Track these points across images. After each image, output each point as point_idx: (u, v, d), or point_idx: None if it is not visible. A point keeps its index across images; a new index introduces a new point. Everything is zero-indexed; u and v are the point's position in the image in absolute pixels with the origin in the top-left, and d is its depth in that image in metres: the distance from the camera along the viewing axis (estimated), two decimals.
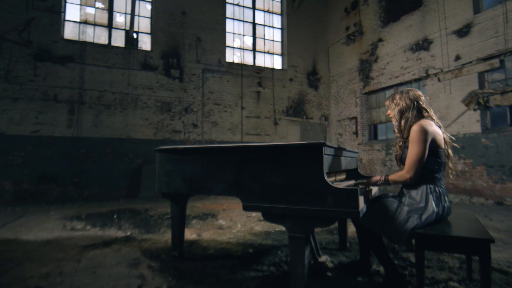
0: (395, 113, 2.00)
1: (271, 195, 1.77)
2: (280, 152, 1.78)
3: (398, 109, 1.98)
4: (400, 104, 1.98)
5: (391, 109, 2.06)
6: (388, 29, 9.23)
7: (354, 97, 10.53)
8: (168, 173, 2.20)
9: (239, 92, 10.10)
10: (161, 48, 9.04)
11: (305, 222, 1.69)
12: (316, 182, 1.66)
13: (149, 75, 8.81)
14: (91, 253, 2.67)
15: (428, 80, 8.00)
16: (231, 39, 10.40)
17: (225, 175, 1.94)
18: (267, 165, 1.80)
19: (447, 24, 7.52)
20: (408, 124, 1.92)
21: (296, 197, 1.70)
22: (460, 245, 1.61)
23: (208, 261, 2.68)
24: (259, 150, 1.84)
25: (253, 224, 4.43)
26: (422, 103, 1.97)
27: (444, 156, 1.89)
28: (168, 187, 2.23)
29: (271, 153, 1.80)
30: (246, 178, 1.85)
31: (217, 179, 1.97)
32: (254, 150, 1.85)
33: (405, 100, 1.97)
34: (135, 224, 4.45)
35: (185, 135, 9.18)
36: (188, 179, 2.08)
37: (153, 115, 8.82)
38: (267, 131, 10.50)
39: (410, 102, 1.96)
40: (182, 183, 2.10)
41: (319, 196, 1.64)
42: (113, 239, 3.53)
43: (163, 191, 2.32)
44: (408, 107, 1.95)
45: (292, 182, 1.72)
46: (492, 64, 6.67)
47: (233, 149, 1.93)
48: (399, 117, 1.98)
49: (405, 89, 2.06)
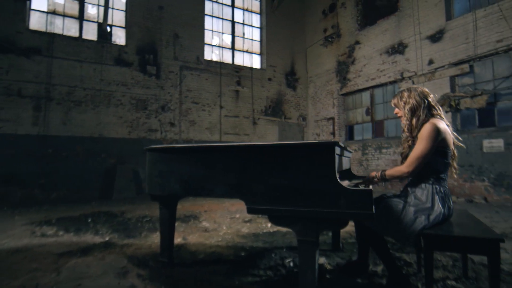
0: (406, 112, 1.96)
1: (278, 197, 1.68)
2: (289, 152, 1.69)
3: (409, 107, 1.95)
4: (410, 102, 1.95)
5: (400, 108, 2.02)
6: (365, 32, 9.46)
7: (331, 98, 10.70)
8: (161, 174, 2.04)
9: (217, 90, 9.92)
10: (136, 43, 8.66)
11: (316, 225, 1.62)
12: (328, 183, 1.59)
13: (123, 71, 8.40)
14: (71, 262, 2.44)
15: (403, 82, 8.29)
16: (210, 37, 10.19)
17: (227, 176, 1.82)
18: (275, 166, 1.70)
19: (421, 30, 7.83)
20: (420, 122, 1.90)
21: (307, 199, 1.62)
22: (469, 245, 1.61)
23: (200, 267, 2.54)
24: (266, 149, 1.74)
25: (238, 226, 4.31)
26: (431, 101, 1.96)
27: (450, 157, 1.89)
28: (161, 189, 2.07)
29: (279, 153, 1.71)
30: (251, 179, 1.75)
31: (217, 180, 1.85)
32: (260, 150, 1.75)
33: (414, 97, 1.95)
34: (112, 228, 4.18)
35: (162, 134, 8.86)
36: (185, 180, 1.93)
37: (128, 113, 8.42)
38: (246, 131, 10.41)
39: (420, 99, 1.94)
40: (177, 184, 1.95)
41: (331, 198, 1.57)
42: (91, 245, 3.27)
43: (156, 193, 2.15)
44: (419, 104, 1.93)
45: (302, 183, 1.64)
46: (462, 69, 7.02)
47: (236, 148, 1.81)
48: (410, 115, 1.94)
49: (412, 87, 2.04)
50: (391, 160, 8.52)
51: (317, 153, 1.62)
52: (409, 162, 1.82)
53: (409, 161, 1.82)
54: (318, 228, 1.63)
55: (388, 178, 1.91)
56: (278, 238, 3.50)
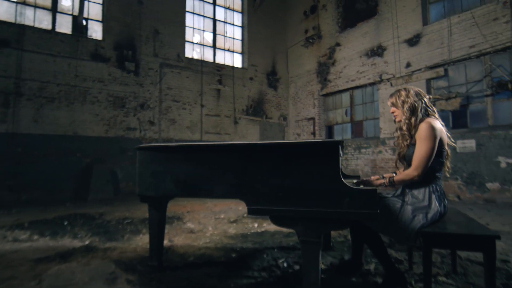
0: (405, 110, 1.98)
1: (281, 197, 1.64)
2: (292, 151, 1.66)
3: (408, 106, 1.97)
4: (408, 101, 1.98)
5: (398, 107, 2.04)
6: (346, 35, 9.65)
7: (312, 98, 10.83)
8: (155, 174, 1.94)
9: (198, 89, 9.75)
10: (114, 38, 8.32)
11: (319, 225, 1.59)
12: (332, 182, 1.57)
13: (100, 67, 8.05)
14: (53, 268, 2.27)
15: (381, 84, 8.52)
16: (191, 34, 10.00)
17: (227, 175, 1.76)
18: (277, 165, 1.66)
19: (400, 33, 8.09)
20: (418, 121, 1.93)
21: (310, 199, 1.59)
22: (466, 242, 1.65)
23: (191, 270, 2.45)
24: (268, 148, 1.70)
25: (225, 227, 4.24)
26: (427, 101, 1.99)
27: (445, 156, 1.93)
28: (155, 190, 1.97)
29: (282, 152, 1.67)
30: (252, 179, 1.70)
31: (216, 180, 1.78)
32: (262, 149, 1.71)
33: (412, 97, 1.98)
34: (92, 231, 3.98)
35: (141, 133, 8.58)
36: (182, 180, 1.85)
37: (105, 110, 8.08)
38: (227, 130, 10.31)
39: (418, 99, 1.97)
40: (173, 185, 1.87)
41: (335, 198, 1.56)
42: (71, 249, 3.09)
43: (149, 194, 2.04)
44: (417, 104, 1.96)
45: (305, 183, 1.61)
46: (437, 72, 7.32)
47: (237, 147, 1.76)
48: (409, 114, 1.96)
49: (408, 87, 2.07)
50: (370, 160, 8.74)
51: (321, 153, 1.60)
52: (416, 164, 1.83)
53: (416, 163, 1.83)
54: (322, 229, 1.61)
55: (397, 184, 1.93)
56: (267, 238, 3.47)
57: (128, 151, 8.30)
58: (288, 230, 3.88)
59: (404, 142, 1.98)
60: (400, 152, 2.02)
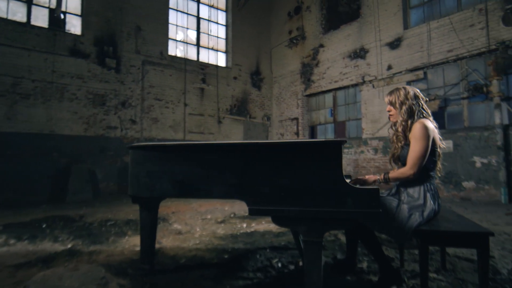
0: (403, 112, 2.00)
1: (283, 198, 1.62)
2: (295, 150, 1.65)
3: (406, 108, 1.99)
4: (407, 103, 2.00)
5: (396, 107, 2.04)
6: (329, 36, 9.79)
7: (295, 98, 10.91)
8: (150, 174, 1.87)
9: (182, 87, 9.59)
10: (94, 33, 8.03)
11: (321, 225, 1.59)
12: (335, 182, 1.57)
13: (79, 63, 7.74)
14: (38, 274, 2.14)
15: (364, 86, 8.72)
16: (174, 32, 9.81)
17: (227, 176, 1.72)
18: (279, 165, 1.64)
19: (381, 37, 8.30)
20: (414, 122, 1.96)
21: (313, 199, 1.59)
22: (462, 239, 1.70)
23: (184, 272, 2.39)
24: (270, 148, 1.68)
25: (213, 227, 4.18)
26: (423, 103, 2.03)
27: (437, 156, 1.98)
28: (150, 190, 1.89)
29: (284, 152, 1.66)
30: (253, 179, 1.67)
31: (216, 180, 1.74)
32: (264, 148, 1.68)
33: (411, 99, 2.00)
34: (73, 234, 3.81)
35: (122, 132, 8.32)
36: (179, 180, 1.79)
37: (84, 108, 7.78)
38: (211, 130, 10.21)
39: (415, 102, 2.00)
40: (170, 185, 1.81)
41: (338, 197, 1.56)
42: (53, 254, 2.94)
43: (144, 195, 1.96)
44: (415, 107, 1.99)
45: (307, 183, 1.60)
46: (417, 75, 7.57)
47: (238, 146, 1.73)
48: (406, 116, 1.98)
49: (407, 87, 2.06)
50: (352, 160, 8.92)
51: (324, 152, 1.60)
52: (411, 163, 1.87)
53: (411, 162, 1.87)
54: (324, 228, 1.61)
55: (392, 181, 1.96)
56: (258, 239, 3.45)
57: (109, 151, 8.04)
58: (278, 230, 3.88)
59: (399, 143, 2.01)
60: (395, 153, 2.05)
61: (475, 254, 2.61)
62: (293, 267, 2.43)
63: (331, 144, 1.59)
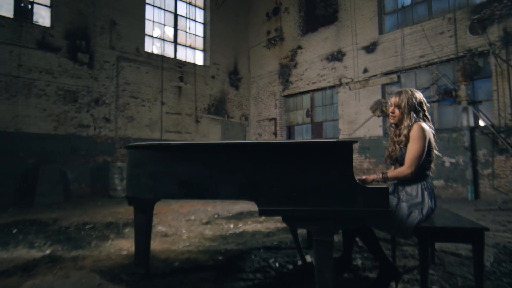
0: (411, 116, 2.02)
1: (294, 198, 1.63)
2: (306, 150, 1.65)
3: (413, 113, 2.03)
4: (414, 108, 2.05)
5: (405, 111, 2.06)
6: (307, 38, 9.97)
7: (273, 99, 10.99)
8: (153, 174, 1.79)
9: (159, 85, 9.32)
10: (65, 26, 7.58)
11: (333, 224, 1.62)
12: (346, 182, 1.60)
13: (48, 57, 7.28)
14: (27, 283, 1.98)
15: (341, 88, 8.97)
16: (151, 28, 9.51)
17: (235, 176, 1.69)
18: (290, 165, 1.64)
19: (358, 40, 8.58)
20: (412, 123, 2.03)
21: (324, 198, 1.60)
22: (459, 235, 1.80)
23: (181, 275, 2.33)
24: (281, 148, 1.67)
25: (199, 229, 4.11)
26: (426, 109, 2.10)
27: (433, 156, 2.08)
28: (153, 192, 1.81)
29: (295, 152, 1.66)
30: (264, 179, 1.66)
31: (224, 181, 1.71)
32: (275, 148, 1.68)
33: (418, 105, 2.04)
34: (50, 239, 3.58)
35: (95, 131, 7.94)
36: (185, 181, 1.73)
37: (54, 105, 7.33)
38: (188, 129, 10.02)
39: (420, 108, 2.06)
40: (175, 186, 1.74)
41: (349, 197, 1.59)
42: (32, 261, 2.74)
43: (146, 197, 1.88)
44: (421, 113, 2.06)
45: (319, 183, 1.62)
46: (391, 78, 7.91)
47: (248, 146, 1.70)
48: (413, 121, 2.01)
49: (415, 92, 2.09)
50: None
51: (335, 152, 1.62)
52: (409, 163, 1.94)
53: (409, 161, 1.94)
54: (335, 227, 1.63)
55: (390, 180, 2.02)
56: (249, 239, 3.43)
57: (81, 150, 7.63)
58: (267, 230, 3.89)
59: (399, 144, 2.07)
60: (393, 155, 2.12)
61: (460, 249, 2.78)
62: (292, 266, 2.45)
63: (343, 144, 1.61)
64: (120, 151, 8.34)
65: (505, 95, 6.16)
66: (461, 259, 2.58)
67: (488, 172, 6.29)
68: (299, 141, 1.64)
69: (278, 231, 3.75)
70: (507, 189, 6.08)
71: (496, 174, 6.22)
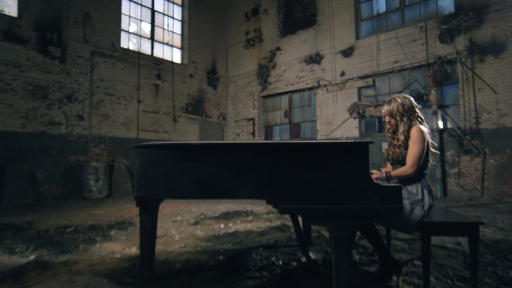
0: (404, 122, 2.16)
1: (313, 196, 1.69)
2: (324, 150, 1.72)
3: (406, 119, 2.16)
4: (405, 114, 2.18)
5: (397, 118, 2.19)
6: (286, 40, 10.13)
7: (252, 99, 11.05)
8: (170, 174, 1.76)
9: (135, 83, 9.03)
10: (34, 17, 7.12)
11: (350, 222, 1.69)
12: (363, 180, 1.68)
13: (16, 49, 6.80)
14: None
15: (319, 90, 9.22)
16: (127, 23, 9.18)
17: (255, 176, 1.72)
18: (309, 165, 1.70)
19: (336, 44, 8.87)
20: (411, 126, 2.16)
21: (342, 197, 1.68)
22: (457, 228, 1.95)
23: (186, 277, 2.31)
24: (300, 148, 1.72)
25: (189, 229, 4.06)
26: (419, 112, 2.25)
27: (430, 156, 2.23)
28: (171, 192, 1.78)
29: (314, 152, 1.72)
30: (284, 179, 1.70)
31: (243, 180, 1.72)
32: (294, 149, 1.73)
33: (408, 112, 2.18)
34: (31, 243, 3.37)
35: (67, 129, 7.52)
36: (204, 181, 1.72)
37: (21, 100, 6.85)
38: (166, 128, 9.80)
39: (412, 112, 2.20)
40: (193, 186, 1.73)
41: (366, 195, 1.68)
42: (18, 267, 2.58)
43: (163, 197, 1.85)
44: (413, 117, 2.19)
45: (337, 182, 1.69)
46: (367, 82, 8.27)
47: (268, 146, 1.74)
48: (407, 127, 2.16)
49: (403, 97, 2.27)
50: None
51: (352, 152, 1.70)
52: (411, 163, 2.07)
53: (411, 162, 2.07)
54: (352, 224, 1.71)
55: (393, 179, 2.14)
56: (244, 239, 3.45)
57: (51, 149, 7.20)
58: (259, 229, 3.93)
59: (401, 149, 2.19)
60: (394, 157, 2.24)
61: (446, 242, 3.00)
62: (296, 263, 2.51)
63: (360, 145, 1.70)
64: (94, 150, 7.97)
65: (470, 100, 6.69)
66: (448, 251, 2.79)
67: (455, 171, 6.79)
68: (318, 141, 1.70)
69: (270, 230, 3.81)
70: (471, 187, 6.60)
71: (462, 173, 6.73)
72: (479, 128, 6.54)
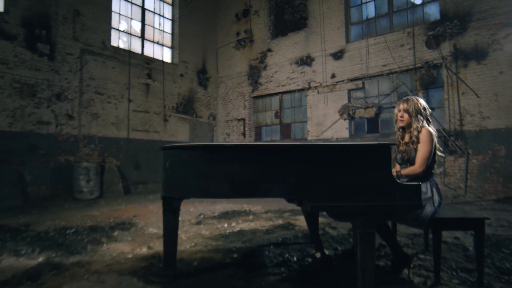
0: (419, 119, 2.33)
1: (341, 194, 1.80)
2: (351, 152, 1.83)
3: (422, 117, 2.34)
4: (422, 112, 2.35)
5: (413, 115, 2.36)
6: (277, 42, 10.27)
7: (242, 99, 11.11)
8: (203, 174, 1.81)
9: (126, 82, 8.89)
10: (22, 12, 6.89)
11: (374, 218, 1.82)
12: (386, 179, 1.81)
13: (2, 45, 6.56)
14: None
15: (309, 91, 9.41)
16: (117, 21, 9.03)
17: (286, 175, 1.81)
18: (337, 165, 1.81)
19: (326, 47, 9.09)
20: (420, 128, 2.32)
21: (367, 195, 1.80)
22: (465, 223, 2.12)
23: (208, 274, 2.37)
24: (329, 149, 1.83)
25: (193, 229, 4.09)
26: (429, 113, 2.42)
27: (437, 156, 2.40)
28: (204, 192, 1.84)
29: (341, 153, 1.83)
30: (313, 178, 1.80)
31: (275, 180, 1.81)
32: (322, 150, 1.83)
33: (423, 109, 2.36)
34: (35, 245, 3.32)
35: (57, 128, 7.33)
36: (237, 181, 1.79)
37: (8, 99, 6.62)
38: (156, 128, 9.70)
39: (425, 110, 2.37)
40: (227, 186, 1.79)
41: (388, 193, 1.80)
42: (31, 269, 2.56)
43: (197, 196, 1.90)
44: (425, 114, 2.36)
45: (362, 181, 1.80)
46: (357, 84, 8.53)
47: (297, 147, 1.83)
48: (421, 124, 2.32)
49: (418, 98, 2.43)
50: None
51: (376, 153, 1.82)
52: (420, 162, 2.23)
53: (420, 162, 2.23)
54: (377, 220, 1.83)
55: (403, 178, 2.29)
56: (252, 237, 3.53)
57: (40, 149, 7.00)
58: (264, 227, 4.02)
59: (410, 145, 2.36)
60: (405, 156, 2.40)
61: (446, 237, 3.19)
62: (311, 259, 2.61)
63: (383, 146, 1.82)
64: (83, 150, 7.80)
65: (455, 104, 7.05)
66: (448, 245, 2.98)
67: (440, 170, 7.13)
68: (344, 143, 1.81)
69: (276, 228, 3.91)
70: (455, 186, 6.96)
71: (447, 172, 7.08)
72: (463, 130, 6.91)
